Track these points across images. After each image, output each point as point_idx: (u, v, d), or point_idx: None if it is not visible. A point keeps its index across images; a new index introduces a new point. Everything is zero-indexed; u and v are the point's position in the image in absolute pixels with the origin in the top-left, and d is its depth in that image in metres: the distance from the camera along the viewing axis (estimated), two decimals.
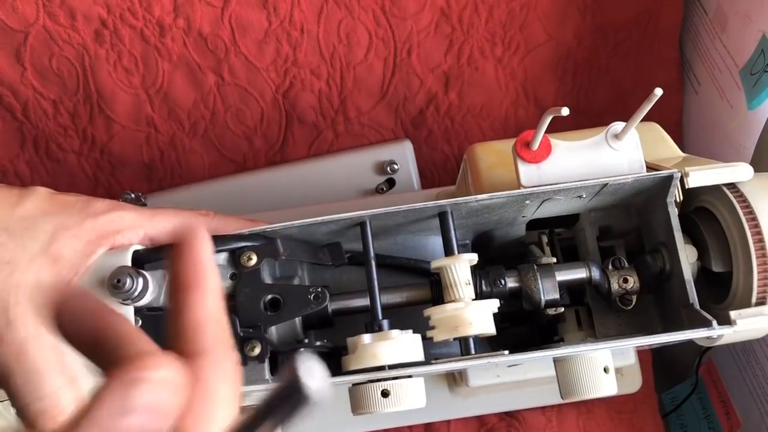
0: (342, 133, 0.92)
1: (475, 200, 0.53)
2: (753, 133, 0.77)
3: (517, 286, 0.57)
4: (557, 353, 0.53)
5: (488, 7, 0.88)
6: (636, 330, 0.62)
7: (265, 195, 0.91)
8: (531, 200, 0.55)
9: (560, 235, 0.64)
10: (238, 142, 0.92)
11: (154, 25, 0.84)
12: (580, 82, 0.93)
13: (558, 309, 0.57)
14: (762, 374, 0.81)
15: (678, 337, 0.51)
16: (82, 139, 0.89)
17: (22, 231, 0.50)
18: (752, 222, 0.53)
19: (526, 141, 0.55)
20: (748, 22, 0.76)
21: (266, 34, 0.86)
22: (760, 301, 0.53)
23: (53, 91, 0.86)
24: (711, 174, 0.53)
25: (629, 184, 0.54)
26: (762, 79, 0.74)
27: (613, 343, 0.53)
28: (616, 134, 0.56)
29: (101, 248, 0.51)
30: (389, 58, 0.89)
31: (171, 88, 0.87)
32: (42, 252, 0.49)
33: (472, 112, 0.93)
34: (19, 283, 0.49)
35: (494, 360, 0.51)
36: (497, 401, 0.83)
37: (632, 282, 0.58)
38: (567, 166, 0.55)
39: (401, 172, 0.91)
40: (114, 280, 0.49)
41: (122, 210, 0.53)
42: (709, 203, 0.57)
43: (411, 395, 0.52)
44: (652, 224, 0.58)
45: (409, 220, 0.57)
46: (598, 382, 0.55)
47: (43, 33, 0.83)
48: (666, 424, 0.92)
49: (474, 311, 0.52)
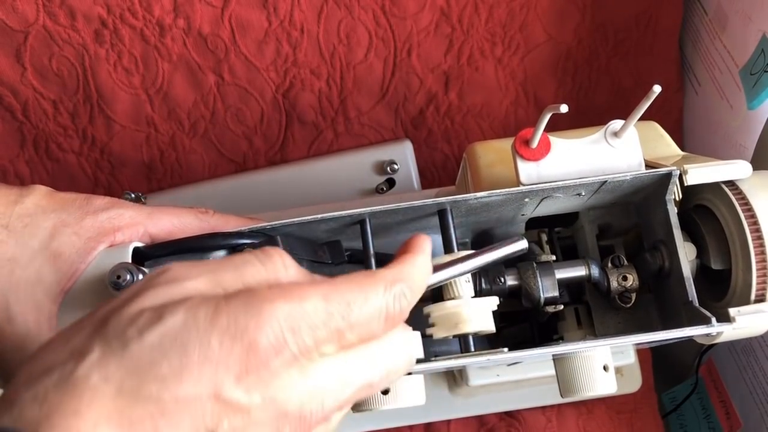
0: (342, 133, 0.92)
1: (475, 198, 0.53)
2: (753, 133, 0.77)
3: (517, 284, 0.57)
4: (556, 351, 0.53)
5: (488, 7, 0.88)
6: (635, 328, 0.62)
7: (265, 195, 0.91)
8: (530, 198, 0.55)
9: (560, 233, 0.64)
10: (238, 142, 0.92)
11: (154, 25, 0.84)
12: (580, 82, 0.93)
13: (557, 307, 0.57)
14: (762, 374, 0.81)
15: (677, 335, 0.51)
16: (82, 139, 0.89)
17: (22, 228, 0.50)
18: (751, 219, 0.53)
19: (525, 139, 0.56)
20: (748, 22, 0.76)
21: (266, 34, 0.86)
22: (759, 298, 0.53)
23: (53, 91, 0.86)
24: (710, 171, 0.53)
25: (628, 181, 0.54)
26: (762, 79, 0.74)
27: (613, 341, 0.52)
28: (615, 132, 0.56)
29: (101, 245, 0.51)
30: (389, 58, 0.89)
31: (171, 88, 0.88)
32: (42, 249, 0.49)
33: (472, 112, 0.93)
34: (19, 281, 0.49)
35: (494, 357, 0.51)
36: (497, 401, 0.83)
37: (631, 280, 0.58)
38: (566, 164, 0.55)
39: (401, 172, 0.91)
40: (114, 277, 0.49)
41: (122, 207, 0.53)
42: (708, 201, 0.57)
43: (411, 392, 0.52)
44: (651, 222, 0.58)
45: (408, 218, 0.57)
46: (598, 380, 0.54)
47: (43, 33, 0.83)
48: (666, 424, 0.92)
49: (473, 308, 0.52)
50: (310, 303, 0.37)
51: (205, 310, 0.36)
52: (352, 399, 0.39)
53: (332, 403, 0.38)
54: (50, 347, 0.37)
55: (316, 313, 0.37)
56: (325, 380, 0.38)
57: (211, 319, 0.36)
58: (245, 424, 0.36)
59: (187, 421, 0.35)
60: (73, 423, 0.33)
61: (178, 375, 0.35)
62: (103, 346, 0.36)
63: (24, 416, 0.34)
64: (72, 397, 0.34)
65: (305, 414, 0.37)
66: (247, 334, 0.36)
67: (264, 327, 0.36)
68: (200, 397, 0.35)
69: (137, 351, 0.35)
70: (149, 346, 0.35)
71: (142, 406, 0.34)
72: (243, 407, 0.36)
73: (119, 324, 0.37)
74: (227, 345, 0.36)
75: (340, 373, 0.38)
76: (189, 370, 0.35)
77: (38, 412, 0.33)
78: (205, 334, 0.36)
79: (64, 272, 0.49)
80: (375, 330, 0.39)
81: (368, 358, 0.39)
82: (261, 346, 0.36)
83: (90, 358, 0.35)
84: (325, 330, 0.37)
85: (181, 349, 0.35)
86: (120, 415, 0.34)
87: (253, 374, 0.36)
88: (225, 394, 0.35)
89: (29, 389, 0.35)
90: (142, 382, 0.35)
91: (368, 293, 0.39)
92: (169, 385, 0.35)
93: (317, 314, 0.37)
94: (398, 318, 0.41)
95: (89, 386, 0.34)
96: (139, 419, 0.34)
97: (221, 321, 0.36)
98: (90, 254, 0.50)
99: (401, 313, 0.40)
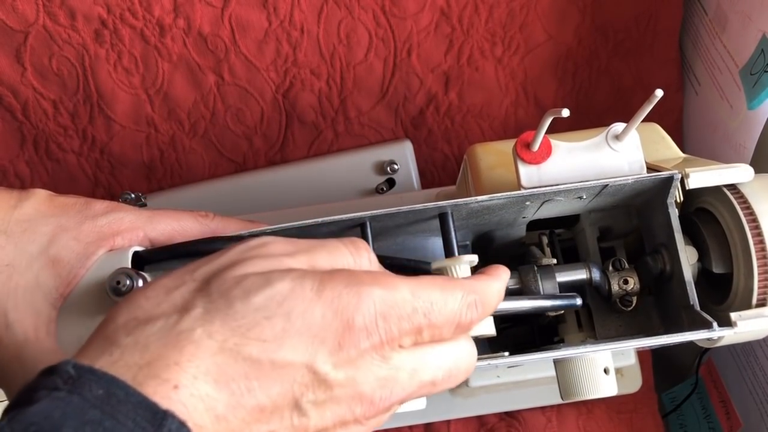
0: (342, 133, 0.92)
1: (476, 201, 0.53)
2: (753, 133, 0.77)
3: (518, 287, 0.57)
4: (557, 355, 0.53)
5: (488, 7, 0.87)
6: (636, 331, 0.62)
7: (265, 195, 0.91)
8: (531, 201, 0.55)
9: (560, 235, 0.64)
10: (238, 142, 0.92)
11: (154, 25, 0.84)
12: (580, 82, 0.93)
13: (558, 310, 0.57)
14: (762, 374, 0.81)
15: (678, 339, 0.51)
16: (82, 139, 0.89)
17: (21, 234, 0.49)
18: (753, 223, 0.53)
19: (526, 142, 0.55)
20: (748, 22, 0.76)
21: (266, 34, 0.86)
22: (761, 302, 0.53)
23: (53, 91, 0.86)
24: (711, 175, 0.53)
25: (630, 185, 0.54)
26: (762, 79, 0.74)
27: (613, 345, 0.52)
28: (617, 135, 0.55)
29: (101, 250, 0.51)
30: (389, 58, 0.89)
31: (171, 88, 0.87)
32: (41, 254, 0.49)
33: (472, 112, 0.93)
34: (17, 286, 0.48)
35: (495, 362, 0.51)
36: (497, 401, 0.83)
37: (632, 283, 0.58)
38: (567, 167, 0.55)
39: (401, 172, 0.91)
40: (114, 282, 0.49)
41: (121, 211, 0.52)
42: (710, 204, 0.57)
43: None
44: (652, 225, 0.58)
45: (409, 221, 0.56)
46: (598, 383, 0.55)
47: (43, 33, 0.83)
48: (666, 424, 0.92)
49: None
50: (400, 294, 0.39)
51: (311, 282, 0.38)
52: (415, 394, 0.41)
53: (400, 393, 0.40)
54: (150, 296, 0.38)
55: (405, 305, 0.39)
56: (399, 371, 0.39)
57: (318, 290, 0.38)
58: (326, 398, 0.38)
59: (278, 386, 0.36)
60: (174, 373, 0.34)
61: (279, 339, 0.36)
62: (207, 303, 0.37)
63: (123, 359, 0.35)
64: (174, 348, 0.35)
65: (376, 399, 0.39)
66: (348, 311, 0.38)
67: (362, 308, 0.38)
68: (294, 365, 0.37)
69: (243, 311, 0.37)
70: (254, 307, 0.37)
71: (241, 366, 0.36)
72: (329, 381, 0.37)
73: (224, 284, 0.38)
74: (329, 318, 0.37)
75: (412, 366, 0.40)
76: (290, 336, 0.37)
77: (139, 359, 0.35)
78: (311, 304, 0.37)
79: (63, 277, 0.49)
80: (446, 333, 0.41)
81: (438, 357, 0.41)
82: (357, 326, 0.38)
83: (194, 312, 0.37)
84: (409, 323, 0.39)
85: (285, 314, 0.37)
86: (218, 370, 0.35)
87: (344, 351, 0.37)
88: (317, 366, 0.37)
89: (130, 334, 0.36)
90: (245, 341, 0.36)
91: (448, 297, 0.41)
92: (269, 348, 0.36)
93: (405, 307, 0.39)
94: (466, 327, 0.42)
95: (192, 340, 0.36)
96: (235, 377, 0.35)
97: (326, 294, 0.38)
98: (89, 259, 0.50)
99: (470, 323, 0.42)
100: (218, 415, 0.35)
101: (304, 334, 0.37)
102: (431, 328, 0.40)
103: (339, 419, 0.38)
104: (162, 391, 0.34)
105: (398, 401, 0.40)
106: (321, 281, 0.38)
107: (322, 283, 0.38)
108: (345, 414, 0.38)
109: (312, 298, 0.37)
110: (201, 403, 0.34)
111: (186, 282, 0.39)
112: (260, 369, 0.36)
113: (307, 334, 0.37)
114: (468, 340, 0.43)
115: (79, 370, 0.33)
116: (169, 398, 0.34)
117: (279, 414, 0.37)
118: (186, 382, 0.34)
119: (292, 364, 0.36)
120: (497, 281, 0.45)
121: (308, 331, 0.37)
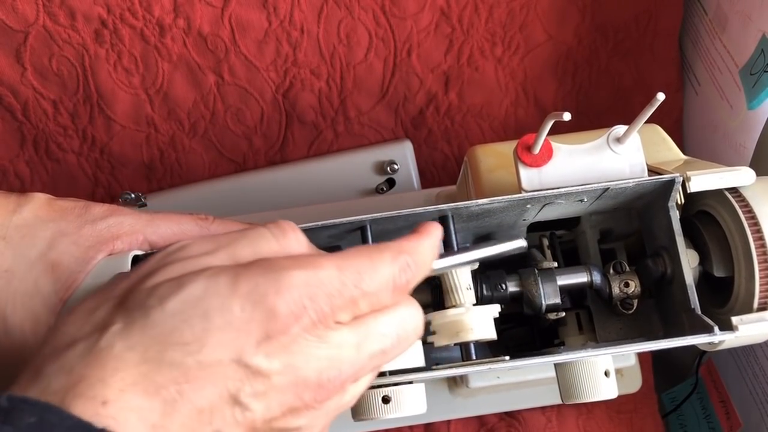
0: (342, 133, 0.92)
1: (476, 204, 0.53)
2: (753, 133, 0.77)
3: (518, 290, 0.57)
4: (558, 359, 0.53)
5: (488, 7, 0.87)
6: (637, 334, 0.62)
7: (265, 195, 0.90)
8: (532, 204, 0.55)
9: (561, 237, 0.64)
10: (238, 141, 0.91)
11: (154, 25, 0.84)
12: (580, 82, 0.93)
13: (559, 314, 0.57)
14: (762, 374, 0.81)
15: (679, 343, 0.51)
16: (82, 139, 0.89)
17: (20, 239, 0.49)
18: (754, 227, 0.53)
19: (527, 145, 0.55)
20: (748, 22, 0.76)
21: (266, 34, 0.86)
22: (762, 306, 0.53)
23: (53, 91, 0.86)
24: (713, 178, 0.53)
25: (631, 188, 0.54)
26: (762, 79, 0.74)
27: (614, 349, 0.52)
28: (618, 138, 0.55)
29: (100, 254, 0.50)
30: (389, 58, 0.89)
31: (171, 88, 0.87)
32: (40, 259, 0.49)
33: (472, 112, 0.93)
34: (17, 291, 0.48)
35: (495, 366, 0.51)
36: (497, 401, 0.83)
37: (633, 286, 0.58)
38: (568, 170, 0.55)
39: (401, 172, 0.91)
40: None
41: (121, 215, 0.52)
42: (711, 207, 0.57)
43: (412, 401, 0.52)
44: (653, 228, 0.58)
45: (409, 223, 0.56)
46: (599, 385, 0.55)
47: (43, 33, 0.82)
48: (666, 424, 0.92)
49: (475, 317, 0.51)
50: (325, 272, 0.39)
51: (225, 278, 0.38)
52: (368, 366, 0.41)
53: (349, 370, 0.40)
54: (71, 323, 0.38)
55: (332, 281, 0.39)
56: (342, 348, 0.39)
57: (232, 285, 0.37)
58: (266, 389, 0.37)
59: (210, 386, 0.36)
60: (99, 390, 0.34)
61: (200, 340, 0.36)
62: (125, 317, 0.37)
63: (51, 386, 0.35)
64: (97, 367, 0.35)
65: (323, 381, 0.39)
66: (268, 300, 0.37)
67: (283, 293, 0.37)
68: (222, 362, 0.36)
69: (159, 319, 0.37)
70: (170, 313, 0.37)
71: (167, 372, 0.35)
72: (264, 372, 0.37)
73: (140, 296, 0.38)
74: (248, 310, 0.37)
75: (355, 340, 0.40)
76: (211, 335, 0.36)
77: (65, 382, 0.35)
78: (227, 300, 0.37)
79: (63, 282, 0.49)
80: (384, 300, 0.41)
81: (381, 325, 0.41)
82: (281, 312, 0.37)
83: (113, 329, 0.37)
84: (340, 298, 0.39)
85: (202, 315, 0.37)
86: (145, 380, 0.35)
87: (273, 340, 0.37)
88: (246, 359, 0.36)
89: (55, 362, 0.36)
90: (166, 348, 0.36)
91: (376, 263, 0.41)
92: (191, 350, 0.36)
93: (332, 283, 0.39)
94: (404, 289, 0.42)
95: (113, 355, 0.35)
96: (163, 384, 0.35)
97: (242, 287, 0.37)
98: (89, 263, 0.50)
99: (407, 285, 0.42)
100: (155, 424, 0.35)
101: (226, 330, 0.36)
102: (366, 297, 0.40)
103: (287, 407, 0.38)
104: (91, 408, 0.34)
105: (351, 378, 0.40)
106: (235, 275, 0.38)
107: (237, 277, 0.38)
108: (293, 401, 0.38)
109: (228, 294, 0.37)
110: (133, 415, 0.34)
111: (107, 300, 0.39)
112: (188, 372, 0.36)
113: (228, 329, 0.36)
114: (410, 301, 0.43)
115: (12, 401, 0.33)
116: (98, 414, 0.33)
117: (220, 413, 0.36)
118: (113, 397, 0.34)
119: (220, 361, 0.36)
120: (428, 238, 0.44)
121: (229, 327, 0.37)
